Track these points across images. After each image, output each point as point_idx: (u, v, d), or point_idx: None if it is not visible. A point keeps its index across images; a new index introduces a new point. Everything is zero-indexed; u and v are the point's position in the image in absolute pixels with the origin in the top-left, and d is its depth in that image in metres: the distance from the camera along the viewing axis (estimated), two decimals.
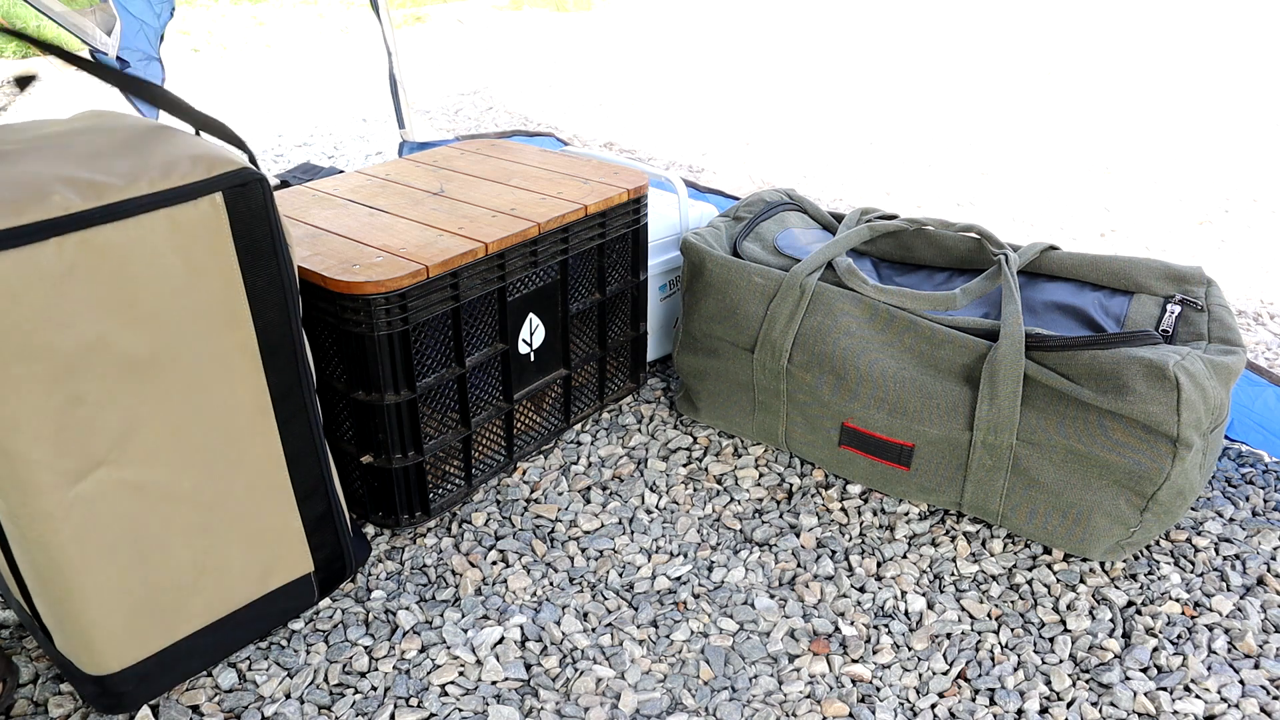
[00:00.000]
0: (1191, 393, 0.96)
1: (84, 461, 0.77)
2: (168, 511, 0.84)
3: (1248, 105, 3.24)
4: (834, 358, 1.13)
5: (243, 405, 0.87)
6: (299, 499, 0.95)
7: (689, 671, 0.96)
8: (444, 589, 1.06)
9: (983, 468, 1.07)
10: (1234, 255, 2.00)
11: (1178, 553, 1.12)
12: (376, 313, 0.99)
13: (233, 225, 0.80)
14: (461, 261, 1.06)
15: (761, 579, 1.07)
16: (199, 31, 4.55)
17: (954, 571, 1.09)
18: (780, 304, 1.18)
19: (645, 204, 1.29)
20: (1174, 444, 0.97)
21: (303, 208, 1.19)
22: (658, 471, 1.26)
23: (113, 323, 0.75)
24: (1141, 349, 0.99)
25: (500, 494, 1.21)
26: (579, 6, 5.51)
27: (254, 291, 0.84)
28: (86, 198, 0.72)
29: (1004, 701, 0.92)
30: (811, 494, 1.21)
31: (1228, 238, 2.09)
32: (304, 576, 0.99)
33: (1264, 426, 1.25)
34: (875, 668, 0.96)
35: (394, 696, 0.92)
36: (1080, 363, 1.01)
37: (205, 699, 0.92)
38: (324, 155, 2.64)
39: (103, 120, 0.89)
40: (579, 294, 1.26)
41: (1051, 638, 1.00)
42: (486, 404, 1.18)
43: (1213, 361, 1.00)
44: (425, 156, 1.40)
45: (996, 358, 1.05)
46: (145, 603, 0.85)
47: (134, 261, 0.75)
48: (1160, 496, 1.00)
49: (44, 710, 0.91)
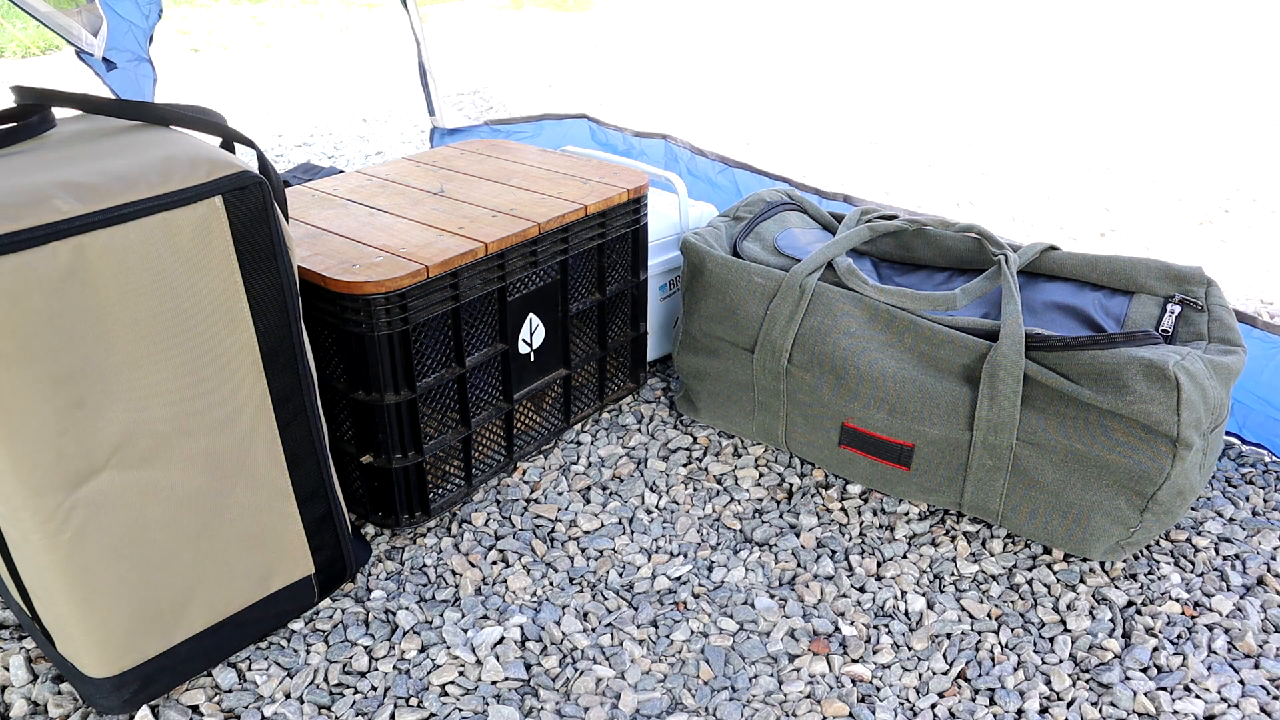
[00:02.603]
0: (1191, 392, 0.96)
1: (84, 465, 0.77)
2: (168, 515, 0.84)
3: (1248, 105, 3.24)
4: (834, 358, 1.13)
5: (243, 408, 0.87)
6: (299, 501, 0.95)
7: (689, 671, 0.96)
8: (444, 589, 1.06)
9: (983, 468, 1.07)
10: (1234, 255, 2.00)
11: (1178, 553, 1.12)
12: (376, 313, 0.99)
13: (232, 228, 0.80)
14: (461, 261, 1.06)
15: (761, 579, 1.08)
16: (199, 31, 4.55)
17: (954, 571, 1.09)
18: (780, 304, 1.18)
19: (645, 204, 1.29)
20: (1174, 444, 0.97)
21: (303, 208, 1.19)
22: (658, 471, 1.26)
23: (112, 326, 0.75)
24: (1141, 349, 0.99)
25: (500, 494, 1.21)
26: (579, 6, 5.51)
27: (254, 294, 0.84)
28: (86, 202, 0.72)
29: (1004, 701, 0.92)
30: (811, 494, 1.21)
31: (1228, 238, 2.09)
32: (304, 579, 0.99)
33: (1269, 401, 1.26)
34: (875, 668, 0.96)
35: (394, 696, 0.93)
36: (1080, 363, 1.00)
37: (205, 699, 0.92)
38: (324, 155, 2.64)
39: (102, 122, 0.89)
40: (579, 294, 1.26)
41: (1051, 638, 1.00)
42: (486, 404, 1.18)
43: (1213, 361, 1.00)
44: (425, 156, 1.40)
45: (996, 358, 1.05)
46: (146, 606, 0.86)
47: (133, 265, 0.75)
48: (1160, 496, 1.00)
49: (44, 710, 0.91)
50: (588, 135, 2.07)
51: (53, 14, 1.68)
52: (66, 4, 1.72)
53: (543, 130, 2.10)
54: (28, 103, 0.84)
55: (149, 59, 1.94)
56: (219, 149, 0.82)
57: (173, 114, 0.86)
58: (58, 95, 0.83)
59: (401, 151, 2.67)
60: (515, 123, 2.12)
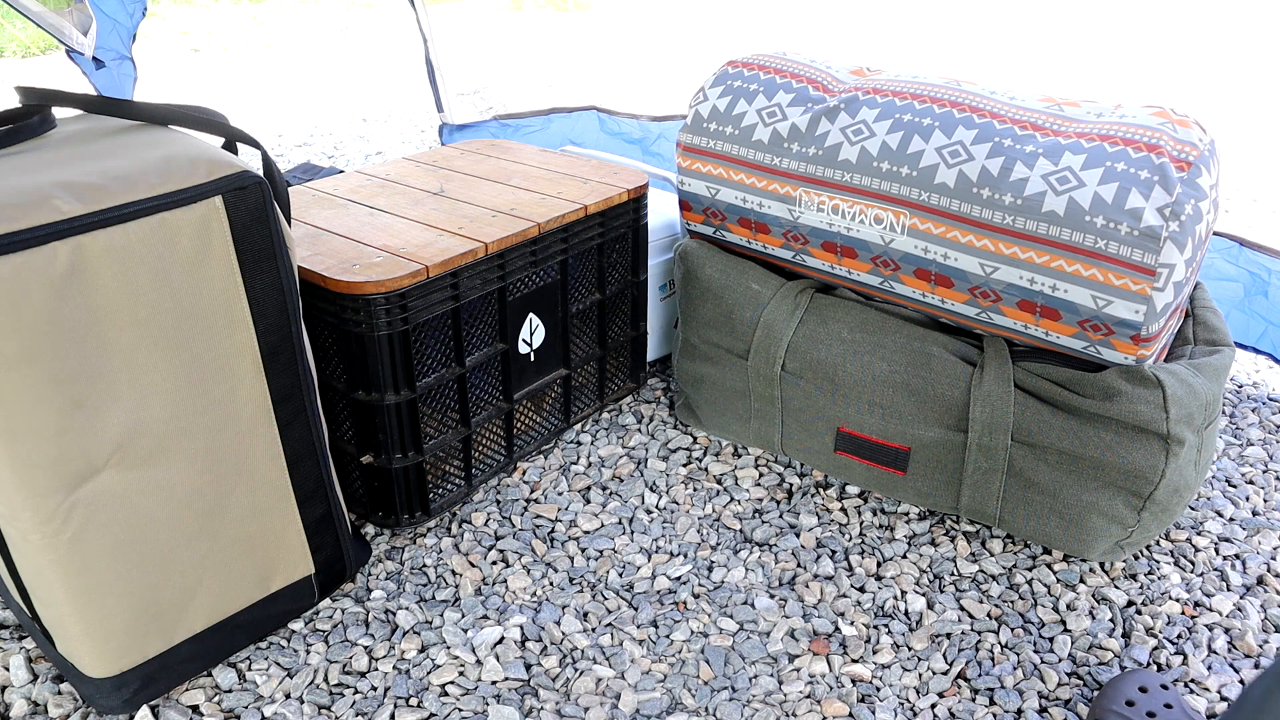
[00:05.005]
0: (1177, 389, 0.96)
1: (84, 465, 0.77)
2: (168, 515, 0.84)
3: (1247, 105, 3.24)
4: (827, 363, 1.13)
5: (243, 408, 0.87)
6: (299, 501, 0.95)
7: (689, 671, 0.96)
8: (444, 589, 1.06)
9: (979, 470, 1.07)
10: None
11: (1178, 552, 1.12)
12: (376, 313, 0.99)
13: (233, 228, 0.80)
14: (461, 261, 1.06)
15: (761, 579, 1.08)
16: (199, 31, 4.55)
17: (954, 571, 1.09)
18: (774, 311, 1.17)
19: (645, 204, 1.29)
20: (1165, 441, 0.97)
21: (303, 208, 1.19)
22: (657, 471, 1.26)
23: (112, 326, 0.75)
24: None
25: (500, 494, 1.21)
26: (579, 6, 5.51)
27: (254, 294, 0.84)
28: (86, 202, 0.72)
29: (1003, 701, 0.92)
30: (811, 494, 1.21)
31: None
32: (304, 579, 0.99)
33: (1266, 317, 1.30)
34: (875, 667, 0.96)
35: (394, 696, 0.93)
36: (1066, 368, 1.01)
37: (204, 699, 0.92)
38: (324, 155, 2.64)
39: (102, 122, 0.89)
40: (579, 294, 1.26)
41: (1051, 637, 1.00)
42: (486, 404, 1.18)
43: (1196, 364, 1.00)
44: (425, 156, 1.40)
45: (985, 361, 1.05)
46: (146, 606, 0.86)
47: (133, 265, 0.75)
48: (1157, 495, 1.00)
49: (44, 710, 0.91)
50: (597, 127, 2.06)
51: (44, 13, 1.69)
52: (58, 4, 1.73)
53: (551, 123, 2.10)
54: (31, 103, 0.84)
55: (131, 57, 1.94)
56: (219, 149, 0.82)
57: (175, 114, 0.86)
58: (60, 95, 0.83)
59: (401, 151, 2.67)
60: (524, 116, 2.11)
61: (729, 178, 1.17)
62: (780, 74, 1.16)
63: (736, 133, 1.15)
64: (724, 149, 1.16)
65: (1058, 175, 0.94)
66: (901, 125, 1.03)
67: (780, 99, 1.13)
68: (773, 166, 1.12)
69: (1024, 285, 0.98)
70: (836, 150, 1.07)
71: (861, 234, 1.07)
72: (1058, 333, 0.99)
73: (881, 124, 1.05)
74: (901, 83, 1.08)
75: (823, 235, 1.11)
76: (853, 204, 1.06)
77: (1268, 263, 1.40)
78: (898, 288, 1.09)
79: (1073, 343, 0.99)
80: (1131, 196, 0.90)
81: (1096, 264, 0.92)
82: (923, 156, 1.01)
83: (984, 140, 0.99)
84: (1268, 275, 1.39)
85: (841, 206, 1.07)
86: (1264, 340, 1.41)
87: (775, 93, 1.14)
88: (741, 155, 1.15)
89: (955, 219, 0.99)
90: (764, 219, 1.16)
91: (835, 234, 1.09)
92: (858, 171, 1.05)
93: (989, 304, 1.02)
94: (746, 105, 1.15)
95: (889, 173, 1.03)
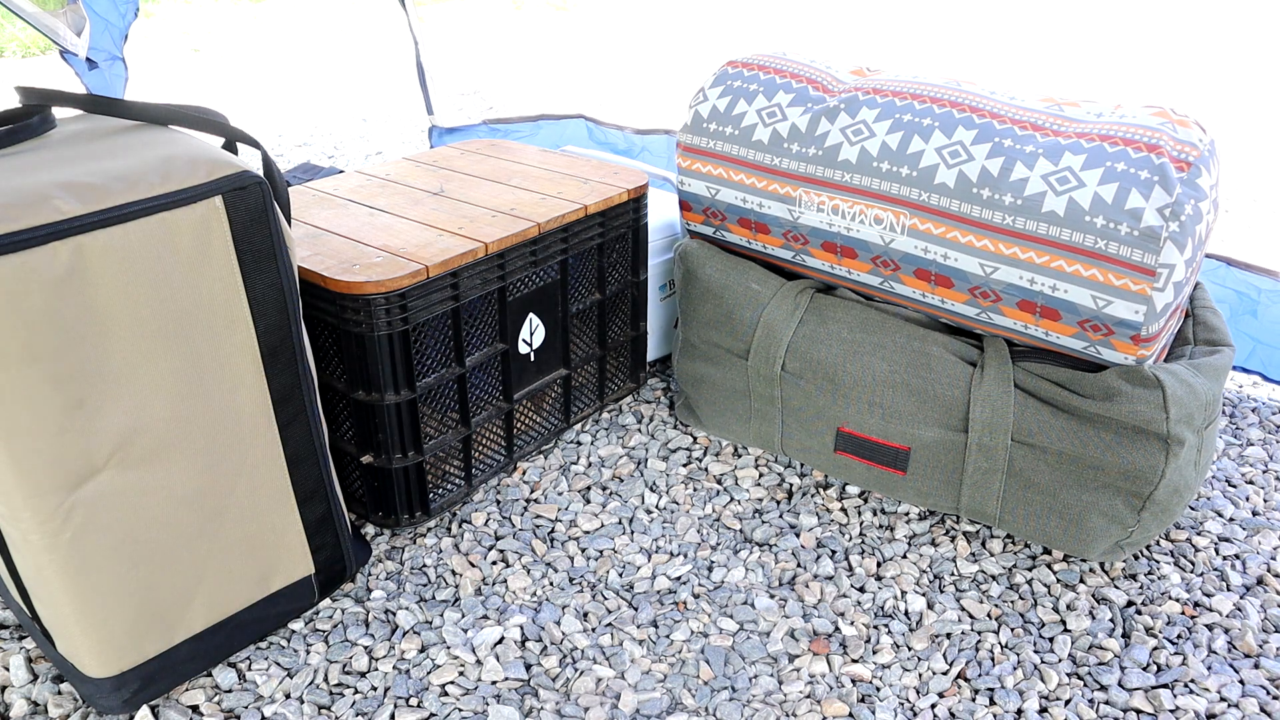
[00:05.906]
0: (1177, 388, 0.96)
1: (84, 465, 0.77)
2: (168, 515, 0.84)
3: (1248, 105, 3.24)
4: (826, 363, 1.13)
5: (243, 408, 0.87)
6: (299, 501, 0.95)
7: (689, 671, 0.96)
8: (444, 589, 1.06)
9: (979, 470, 1.07)
10: (1233, 256, 1.99)
11: (1178, 552, 1.12)
12: (376, 313, 0.99)
13: (232, 228, 0.80)
14: (461, 261, 1.06)
15: (761, 579, 1.08)
16: (199, 31, 4.55)
17: (954, 571, 1.09)
18: (774, 310, 1.17)
19: (645, 204, 1.29)
20: (1165, 441, 0.97)
21: (303, 208, 1.19)
22: (657, 471, 1.26)
23: (112, 326, 0.75)
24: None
25: (500, 494, 1.21)
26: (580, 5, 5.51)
27: (254, 294, 0.84)
28: (86, 202, 0.72)
29: (1004, 701, 0.92)
30: (811, 494, 1.21)
31: (1228, 238, 2.09)
32: (304, 579, 0.99)
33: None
34: (875, 668, 0.96)
35: (394, 696, 0.93)
36: (1066, 368, 1.01)
37: (204, 699, 0.92)
38: (324, 155, 2.64)
39: (102, 122, 0.89)
40: (579, 294, 1.26)
41: (1051, 637, 1.00)
42: (486, 404, 1.18)
43: (1196, 364, 1.00)
44: (425, 156, 1.40)
45: (985, 361, 1.05)
46: (146, 606, 0.86)
47: (133, 265, 0.75)
48: (1157, 496, 1.00)
49: (44, 710, 0.91)
50: (585, 135, 2.07)
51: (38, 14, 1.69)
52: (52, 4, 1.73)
53: (540, 130, 2.11)
54: (31, 103, 0.84)
55: (122, 58, 1.94)
56: (219, 149, 0.82)
57: (175, 114, 0.86)
58: (60, 95, 0.83)
59: (401, 151, 2.67)
60: (513, 122, 2.12)
61: (729, 178, 1.17)
62: (780, 74, 1.16)
63: (736, 133, 1.15)
64: (724, 149, 1.16)
65: (1058, 175, 0.94)
66: (901, 125, 1.03)
67: (780, 99, 1.13)
68: (773, 166, 1.12)
69: (1024, 285, 0.98)
70: (836, 150, 1.07)
71: (861, 234, 1.07)
72: (1058, 333, 0.99)
73: (881, 124, 1.05)
74: (901, 83, 1.08)
75: (823, 235, 1.11)
76: (853, 204, 1.06)
77: (1256, 281, 1.40)
78: (898, 288, 1.09)
79: (1073, 343, 0.99)
80: (1131, 197, 0.90)
81: (1096, 264, 0.92)
82: (923, 156, 1.01)
83: (984, 140, 0.99)
84: (1257, 294, 1.39)
85: (841, 206, 1.07)
86: (1253, 360, 1.40)
87: (775, 93, 1.14)
88: (741, 155, 1.15)
89: (955, 219, 0.99)
90: (764, 219, 1.16)
91: (835, 234, 1.09)
92: (858, 172, 1.05)
93: (989, 304, 1.02)
94: (746, 105, 1.15)
95: (889, 173, 1.03)
